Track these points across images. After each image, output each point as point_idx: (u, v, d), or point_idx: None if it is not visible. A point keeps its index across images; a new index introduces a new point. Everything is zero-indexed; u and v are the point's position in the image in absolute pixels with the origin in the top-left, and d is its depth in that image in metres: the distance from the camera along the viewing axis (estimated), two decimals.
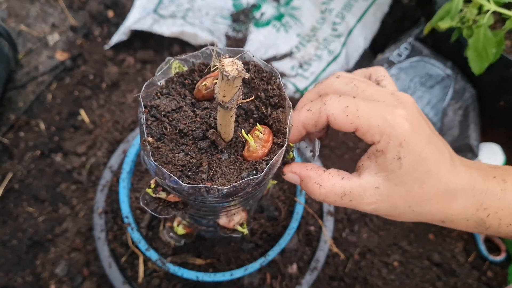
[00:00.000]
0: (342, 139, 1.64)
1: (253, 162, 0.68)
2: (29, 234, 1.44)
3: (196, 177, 0.66)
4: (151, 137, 0.67)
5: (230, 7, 1.80)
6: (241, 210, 0.87)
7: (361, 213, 1.52)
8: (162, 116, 0.68)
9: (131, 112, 1.60)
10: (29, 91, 1.72)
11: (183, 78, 0.73)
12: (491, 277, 1.48)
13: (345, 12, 1.76)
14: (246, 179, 0.64)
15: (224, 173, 0.67)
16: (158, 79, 0.72)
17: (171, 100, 0.70)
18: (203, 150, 0.69)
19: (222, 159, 0.69)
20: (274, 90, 0.70)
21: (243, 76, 0.50)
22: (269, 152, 0.68)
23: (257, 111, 0.71)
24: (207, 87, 0.69)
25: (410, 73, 1.60)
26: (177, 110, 0.70)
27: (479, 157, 1.41)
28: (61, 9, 1.88)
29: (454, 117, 1.49)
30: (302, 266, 1.30)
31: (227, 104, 0.55)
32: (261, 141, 0.67)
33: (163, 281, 1.24)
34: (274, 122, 0.69)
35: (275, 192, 1.28)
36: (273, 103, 0.70)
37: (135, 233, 1.14)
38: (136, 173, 1.27)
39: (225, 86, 0.52)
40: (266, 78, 0.70)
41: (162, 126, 0.68)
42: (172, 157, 0.66)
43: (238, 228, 0.87)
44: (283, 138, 0.69)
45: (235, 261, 1.18)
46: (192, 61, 0.72)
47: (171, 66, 0.74)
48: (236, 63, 0.50)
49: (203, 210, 0.81)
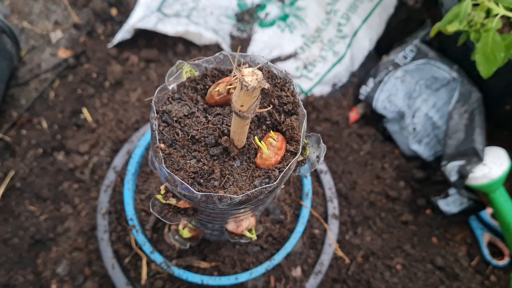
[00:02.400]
0: (346, 141, 1.63)
1: (266, 169, 0.67)
2: (30, 233, 1.43)
3: (208, 184, 0.65)
4: (163, 143, 0.66)
5: (234, 6, 1.78)
6: (250, 216, 0.86)
7: (365, 215, 1.52)
8: (174, 121, 0.68)
9: (134, 111, 1.59)
10: (31, 89, 1.70)
11: (195, 83, 0.72)
12: (494, 281, 1.48)
13: (350, 13, 1.75)
14: (259, 188, 0.64)
15: (236, 181, 0.66)
16: (169, 84, 0.72)
17: (183, 105, 0.69)
18: (215, 157, 0.68)
19: (234, 166, 0.68)
20: (288, 97, 0.69)
21: (262, 87, 0.49)
22: (282, 159, 0.68)
23: (270, 118, 0.70)
24: (220, 93, 0.68)
25: (415, 76, 1.59)
26: (189, 115, 0.69)
27: (485, 161, 1.40)
28: (64, 6, 1.87)
29: (459, 120, 1.49)
30: (306, 270, 1.29)
31: (244, 114, 0.54)
32: (274, 149, 0.67)
33: (166, 283, 1.23)
34: (288, 129, 0.68)
35: (281, 195, 1.27)
36: (286, 110, 0.69)
37: (139, 235, 1.14)
38: (141, 175, 1.26)
39: (244, 96, 0.51)
40: (280, 84, 0.69)
41: (174, 132, 0.67)
42: (184, 163, 0.66)
43: (246, 234, 0.86)
44: (296, 145, 0.68)
45: (240, 265, 1.17)
46: (205, 66, 0.71)
47: (182, 71, 0.73)
48: (256, 73, 0.49)
49: (212, 216, 0.80)
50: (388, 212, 1.55)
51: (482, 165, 1.40)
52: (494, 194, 1.42)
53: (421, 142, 1.61)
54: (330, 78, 1.71)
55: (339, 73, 1.72)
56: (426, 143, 1.60)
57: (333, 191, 1.38)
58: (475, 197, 1.45)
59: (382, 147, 1.66)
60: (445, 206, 1.49)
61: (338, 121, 1.65)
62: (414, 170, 1.62)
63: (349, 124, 1.68)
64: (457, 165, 1.43)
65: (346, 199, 1.53)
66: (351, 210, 1.52)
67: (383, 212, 1.54)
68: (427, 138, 1.60)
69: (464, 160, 1.43)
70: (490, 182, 1.39)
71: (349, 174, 1.58)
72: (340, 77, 1.74)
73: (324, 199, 1.38)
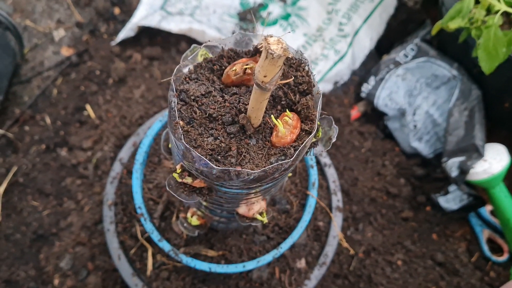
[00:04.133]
0: (348, 138, 1.65)
1: (281, 148, 0.68)
2: (33, 228, 1.43)
3: (225, 161, 0.67)
4: (181, 120, 0.67)
5: (237, 5, 1.80)
6: (261, 199, 0.88)
7: (366, 211, 1.53)
8: (191, 100, 0.69)
9: (138, 107, 1.60)
10: (34, 86, 1.71)
11: (212, 64, 0.73)
12: (494, 277, 1.49)
13: (351, 13, 1.78)
14: (275, 164, 0.65)
15: (252, 158, 0.68)
16: (184, 65, 0.73)
17: (200, 85, 0.70)
18: (232, 135, 0.69)
19: (250, 144, 0.69)
20: (303, 77, 0.71)
21: (287, 55, 0.51)
22: (297, 138, 0.69)
23: (285, 98, 0.72)
24: (237, 73, 0.69)
25: (416, 74, 1.61)
26: (206, 95, 0.70)
27: (485, 157, 1.42)
28: (67, 5, 1.88)
29: (460, 117, 1.51)
30: (310, 261, 1.30)
31: (267, 85, 0.56)
32: (290, 127, 0.68)
33: (171, 273, 1.23)
34: (303, 109, 0.70)
35: (287, 185, 1.28)
36: (301, 90, 0.71)
37: (148, 223, 1.14)
38: (148, 164, 1.27)
39: (268, 65, 0.52)
40: (295, 65, 0.71)
41: (191, 110, 0.68)
42: (201, 141, 0.67)
43: (257, 217, 0.87)
44: (311, 124, 0.69)
45: (247, 254, 1.18)
46: (222, 47, 0.73)
47: (198, 53, 0.74)
48: (281, 42, 0.50)
49: (224, 198, 0.81)
50: (388, 208, 1.56)
51: (482, 161, 1.42)
52: (494, 189, 1.44)
53: (422, 139, 1.62)
54: (332, 76, 1.73)
55: (340, 71, 1.74)
56: (426, 141, 1.62)
57: (337, 184, 1.39)
58: (475, 192, 1.47)
59: (383, 145, 1.68)
60: (445, 203, 1.51)
61: (339, 119, 1.67)
62: (415, 167, 1.63)
63: (350, 122, 1.70)
64: (457, 161, 1.45)
65: (347, 195, 1.54)
66: (352, 206, 1.53)
67: (383, 209, 1.56)
68: (428, 135, 1.62)
69: (464, 156, 1.45)
70: (491, 177, 1.41)
71: (350, 171, 1.59)
72: (341, 75, 1.76)
73: (328, 192, 1.39)
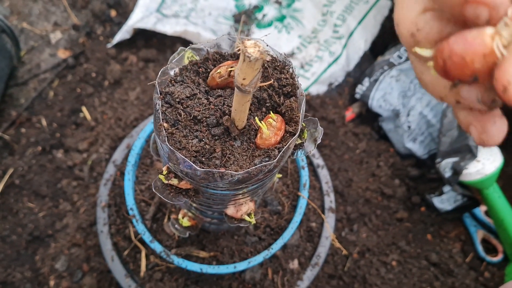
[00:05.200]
0: (342, 139, 1.66)
1: (266, 149, 0.69)
2: (29, 230, 1.44)
3: (209, 163, 0.67)
4: (166, 122, 0.68)
5: (232, 7, 1.81)
6: (249, 201, 0.88)
7: (360, 212, 1.53)
8: (176, 103, 0.70)
9: (133, 109, 1.61)
10: (30, 88, 1.72)
11: (197, 67, 0.74)
12: (488, 277, 1.49)
13: (346, 14, 1.79)
14: (259, 165, 0.66)
15: (237, 160, 0.68)
16: (171, 67, 0.73)
17: (185, 87, 0.71)
18: (216, 137, 0.70)
19: (235, 146, 0.70)
20: (287, 79, 0.71)
21: (264, 58, 0.51)
22: (281, 140, 0.70)
23: (270, 100, 0.72)
24: (221, 75, 0.70)
25: (410, 75, 1.62)
26: (191, 97, 0.71)
27: (478, 157, 1.43)
28: (63, 7, 1.89)
29: (453, 118, 1.51)
30: (303, 262, 1.31)
31: (246, 87, 0.56)
32: (274, 129, 0.68)
33: (165, 275, 1.24)
34: (287, 111, 0.70)
35: (279, 186, 1.29)
36: (285, 92, 0.71)
37: (139, 225, 1.15)
38: (141, 166, 1.28)
39: (246, 68, 0.53)
40: (279, 67, 0.71)
41: (176, 113, 0.69)
42: (186, 143, 0.67)
43: (245, 218, 0.88)
44: (295, 126, 0.70)
45: (239, 254, 1.19)
46: (207, 50, 0.74)
47: (184, 55, 0.75)
48: (258, 45, 0.51)
49: (212, 199, 0.81)
50: (383, 209, 1.57)
51: (476, 162, 1.43)
52: (488, 190, 1.44)
53: (416, 140, 1.63)
54: (327, 77, 1.74)
55: (335, 72, 1.75)
56: (420, 141, 1.63)
57: (330, 185, 1.40)
58: (469, 193, 1.47)
59: (378, 146, 1.69)
60: (439, 204, 1.52)
61: (334, 120, 1.68)
62: (409, 168, 1.64)
63: (345, 123, 1.70)
64: (451, 161, 1.46)
65: (342, 196, 1.54)
66: (347, 207, 1.53)
67: (378, 209, 1.56)
68: (422, 136, 1.62)
69: (458, 157, 1.45)
70: (484, 178, 1.41)
71: (345, 172, 1.60)
72: (336, 77, 1.76)
73: (321, 193, 1.39)
